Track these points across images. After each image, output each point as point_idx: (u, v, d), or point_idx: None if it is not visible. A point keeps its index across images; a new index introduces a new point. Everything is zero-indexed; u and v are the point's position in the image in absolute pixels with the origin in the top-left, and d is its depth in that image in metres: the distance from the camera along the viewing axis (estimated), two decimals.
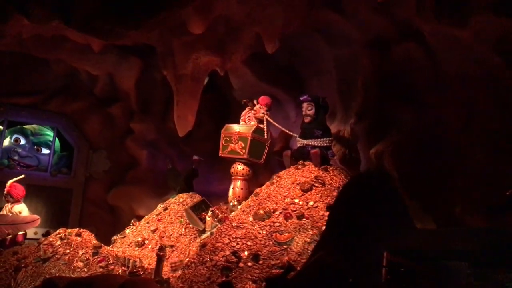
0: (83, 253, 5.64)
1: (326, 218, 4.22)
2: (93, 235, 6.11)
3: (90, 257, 5.57)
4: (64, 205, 8.80)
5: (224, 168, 8.63)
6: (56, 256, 5.61)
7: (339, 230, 2.72)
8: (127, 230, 6.87)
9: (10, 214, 6.64)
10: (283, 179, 4.92)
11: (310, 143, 5.31)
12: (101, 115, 9.09)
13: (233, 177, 6.37)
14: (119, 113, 9.02)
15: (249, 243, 4.14)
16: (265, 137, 6.16)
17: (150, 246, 6.23)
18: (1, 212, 6.78)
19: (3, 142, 8.66)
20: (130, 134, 8.97)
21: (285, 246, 4.08)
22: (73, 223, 8.35)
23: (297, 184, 4.75)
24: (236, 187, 6.27)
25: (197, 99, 6.56)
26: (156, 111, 8.93)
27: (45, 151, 9.01)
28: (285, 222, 4.32)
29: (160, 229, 6.43)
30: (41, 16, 4.67)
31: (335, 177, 4.81)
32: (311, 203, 4.43)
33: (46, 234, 6.14)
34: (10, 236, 6.40)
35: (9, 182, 6.85)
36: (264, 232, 4.28)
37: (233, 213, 5.44)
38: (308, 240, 4.06)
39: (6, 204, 6.84)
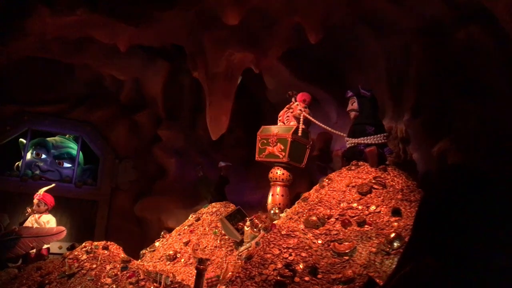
0: (111, 268, 5.15)
1: (393, 224, 3.62)
2: (121, 248, 5.62)
3: (118, 273, 5.06)
4: (89, 217, 8.40)
5: (257, 176, 8.12)
6: (82, 271, 5.15)
7: (436, 237, 2.11)
8: (157, 243, 6.37)
9: (36, 225, 6.23)
10: (336, 182, 4.33)
11: (362, 141, 4.70)
12: (127, 122, 8.72)
13: (272, 183, 5.82)
14: (145, 120, 8.64)
15: (303, 254, 3.55)
16: (299, 133, 5.57)
17: (183, 260, 5.71)
18: (26, 224, 6.37)
19: (27, 153, 8.34)
20: (158, 142, 8.57)
21: (346, 258, 3.48)
22: (99, 236, 7.92)
23: (353, 186, 4.15)
24: (276, 194, 5.71)
25: (231, 99, 6.10)
26: (184, 118, 8.52)
27: (66, 164, 8.69)
28: (344, 229, 3.73)
29: (193, 241, 5.91)
30: (66, 5, 4.27)
31: (396, 178, 4.19)
32: (372, 207, 3.82)
33: (71, 248, 5.69)
34: (35, 249, 6.00)
35: (42, 190, 6.46)
36: (319, 242, 3.69)
37: (274, 222, 4.88)
38: (374, 250, 3.45)
39: (33, 214, 6.44)
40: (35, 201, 6.36)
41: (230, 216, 5.80)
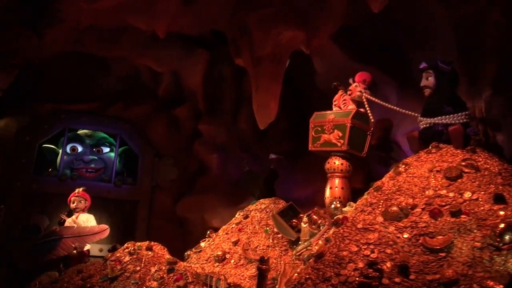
0: (156, 270, 4.73)
1: (499, 213, 2.97)
2: (165, 249, 5.19)
3: (164, 275, 4.65)
4: (130, 218, 8.04)
5: (305, 170, 7.54)
6: (126, 274, 4.77)
7: None
8: (202, 243, 5.91)
9: (75, 226, 5.91)
10: (414, 167, 3.70)
11: (440, 121, 4.05)
12: (166, 118, 8.38)
13: (329, 175, 5.22)
14: (185, 115, 8.26)
15: (388, 251, 2.95)
16: (371, 120, 4.97)
17: (232, 261, 5.21)
18: (65, 224, 6.07)
19: (64, 152, 8.10)
20: (198, 138, 8.16)
21: (442, 254, 2.86)
22: (141, 238, 7.49)
23: (438, 171, 3.52)
24: (334, 187, 5.11)
25: (279, 84, 5.58)
26: (226, 111, 8.07)
27: (105, 149, 8.41)
28: (434, 221, 3.11)
29: (243, 241, 5.40)
30: None
31: (488, 160, 3.53)
32: (467, 194, 3.18)
33: (112, 249, 5.33)
34: (76, 250, 5.68)
35: (79, 189, 6.23)
36: (405, 236, 3.09)
37: (336, 217, 4.30)
38: (478, 244, 2.81)
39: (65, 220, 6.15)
40: (75, 198, 6.11)
41: (282, 213, 5.27)
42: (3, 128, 7.68)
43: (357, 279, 2.80)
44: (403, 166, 3.78)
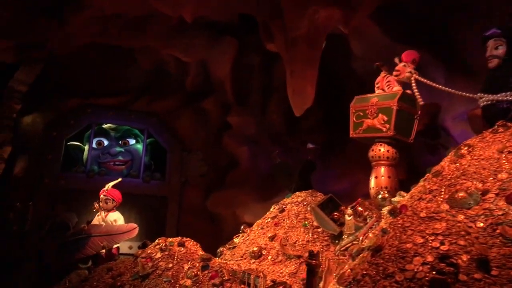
0: (189, 268, 4.45)
1: None
2: (198, 245, 4.91)
3: (199, 272, 4.36)
4: (159, 214, 7.82)
5: (341, 162, 7.15)
6: (157, 271, 4.52)
7: None
8: (236, 239, 5.60)
9: (104, 224, 5.71)
10: (480, 148, 3.26)
11: (504, 98, 3.59)
12: (194, 111, 8.16)
13: (374, 163, 4.81)
14: (213, 107, 8.00)
15: (461, 243, 2.53)
16: (420, 103, 4.54)
17: (270, 257, 4.87)
18: (93, 222, 5.88)
19: (92, 147, 7.94)
20: (227, 130, 7.86)
21: None
22: (170, 234, 7.26)
23: (509, 152, 3.07)
24: (380, 176, 4.69)
25: (315, 67, 5.20)
26: (255, 102, 7.77)
27: (131, 141, 8.30)
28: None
29: (280, 236, 5.07)
30: None
31: None
32: None
33: (143, 246, 5.08)
34: (105, 249, 5.48)
35: (109, 186, 6.02)
36: (480, 225, 2.66)
37: (385, 208, 3.90)
38: None
39: (100, 211, 5.97)
40: (102, 197, 5.91)
41: (321, 205, 4.90)
42: (30, 124, 7.56)
43: (427, 275, 2.40)
44: (466, 148, 3.34)
